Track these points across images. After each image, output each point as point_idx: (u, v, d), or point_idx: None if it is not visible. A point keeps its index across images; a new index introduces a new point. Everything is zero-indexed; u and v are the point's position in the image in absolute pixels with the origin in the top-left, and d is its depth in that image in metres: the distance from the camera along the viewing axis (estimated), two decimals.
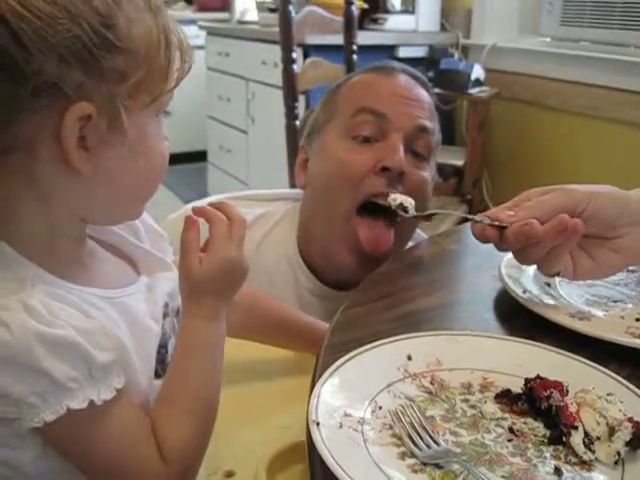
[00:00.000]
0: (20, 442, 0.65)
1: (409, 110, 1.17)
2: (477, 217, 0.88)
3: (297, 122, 2.15)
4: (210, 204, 0.79)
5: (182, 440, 0.69)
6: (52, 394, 0.61)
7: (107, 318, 0.67)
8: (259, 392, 0.99)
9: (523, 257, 0.87)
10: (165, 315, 0.77)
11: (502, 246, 0.87)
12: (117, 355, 0.65)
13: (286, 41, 2.14)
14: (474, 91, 2.75)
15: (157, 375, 0.74)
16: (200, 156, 4.12)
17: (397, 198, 1.06)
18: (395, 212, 1.07)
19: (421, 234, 1.34)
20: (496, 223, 0.85)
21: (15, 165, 0.63)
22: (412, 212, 1.06)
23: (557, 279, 0.96)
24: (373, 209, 1.15)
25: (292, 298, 1.22)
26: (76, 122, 0.61)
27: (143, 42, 0.64)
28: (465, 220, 1.17)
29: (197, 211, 0.77)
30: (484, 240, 0.87)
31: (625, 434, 0.61)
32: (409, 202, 1.05)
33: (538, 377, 0.68)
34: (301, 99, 2.32)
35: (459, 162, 2.79)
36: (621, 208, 0.86)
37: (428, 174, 1.20)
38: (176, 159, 0.73)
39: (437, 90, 2.75)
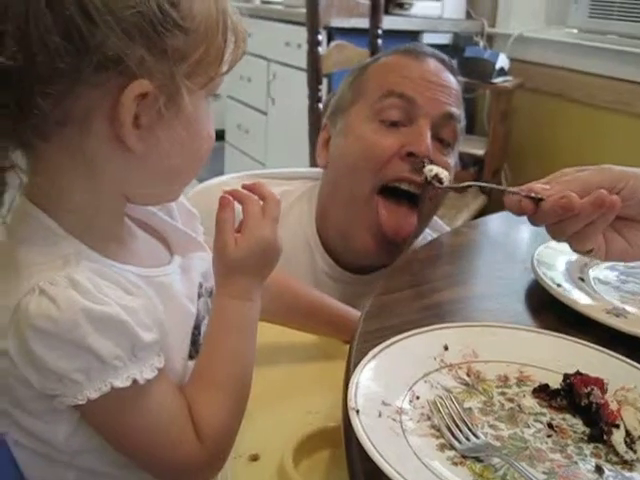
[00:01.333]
0: (55, 418, 0.65)
1: (437, 96, 1.16)
2: (512, 188, 0.85)
3: (320, 104, 2.14)
4: (243, 185, 0.78)
5: (217, 418, 0.69)
6: (96, 371, 0.60)
7: (146, 297, 0.66)
8: (285, 376, 0.99)
9: (557, 231, 0.85)
10: (199, 295, 0.77)
11: (537, 220, 0.84)
12: (158, 334, 0.65)
13: (312, 23, 2.12)
14: (498, 80, 2.72)
15: (190, 356, 0.74)
16: (218, 135, 4.12)
17: (433, 169, 1.04)
18: (429, 183, 1.05)
19: (443, 226, 1.33)
20: (532, 194, 0.83)
21: (68, 138, 0.62)
22: (446, 184, 1.04)
23: (591, 274, 0.95)
24: (395, 193, 1.14)
25: (308, 279, 1.21)
26: (134, 100, 0.60)
27: (203, 22, 0.63)
28: (483, 210, 1.17)
29: (230, 192, 0.76)
30: (519, 212, 0.84)
31: None
32: (445, 174, 1.04)
33: (578, 373, 0.67)
34: (324, 82, 2.29)
35: (480, 151, 2.77)
36: None
37: (452, 161, 1.18)
38: None
39: (460, 78, 2.72)
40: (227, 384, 0.71)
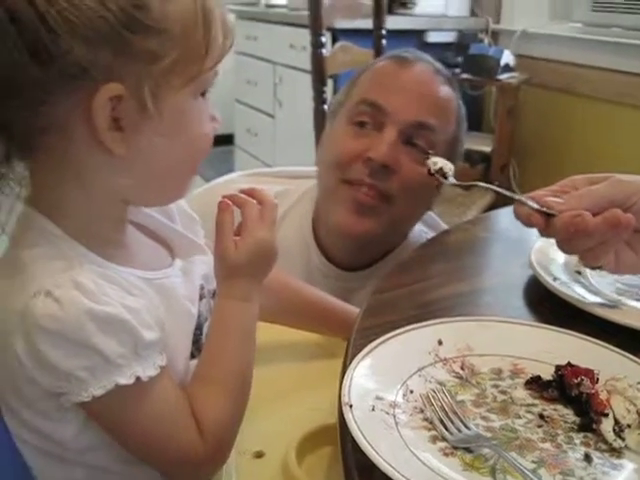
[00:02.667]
0: (63, 416, 0.67)
1: (410, 104, 1.17)
2: (522, 198, 0.84)
3: (325, 106, 2.15)
4: (241, 190, 0.80)
5: (219, 416, 0.71)
6: (101, 369, 0.62)
7: (148, 299, 0.68)
8: (287, 374, 1.00)
9: (568, 247, 0.85)
10: (201, 297, 0.79)
11: (547, 234, 0.84)
12: (160, 333, 0.67)
13: (315, 25, 2.13)
14: (503, 77, 2.72)
15: (192, 356, 0.76)
16: (227, 140, 4.14)
17: (437, 162, 1.02)
18: (432, 175, 1.05)
19: (440, 223, 1.34)
20: (544, 209, 0.82)
21: (51, 146, 0.64)
22: (451, 179, 1.04)
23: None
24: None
25: (302, 275, 1.23)
26: (107, 103, 0.61)
27: (178, 21, 0.63)
28: (491, 208, 1.18)
29: (229, 197, 0.78)
30: (528, 225, 0.84)
31: None
32: (449, 167, 1.02)
33: (569, 364, 0.69)
34: (329, 83, 2.31)
35: (487, 148, 2.77)
36: None
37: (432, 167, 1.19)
38: None
39: (466, 75, 2.73)
40: (228, 382, 0.73)
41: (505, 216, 1.36)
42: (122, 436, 0.69)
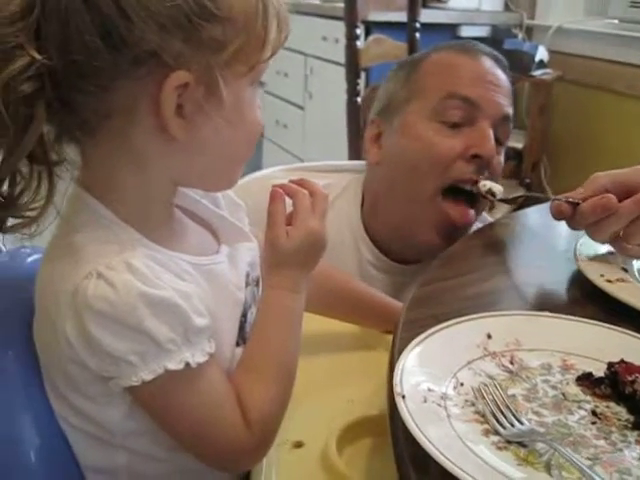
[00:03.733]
0: (109, 400, 0.67)
1: (496, 97, 1.16)
2: (556, 197, 0.91)
3: (358, 99, 2.14)
4: (291, 180, 0.80)
5: (264, 404, 0.71)
6: (151, 354, 0.62)
7: (197, 284, 0.68)
8: (324, 365, 1.00)
9: (597, 231, 0.89)
10: (246, 284, 0.78)
11: (576, 222, 0.90)
12: (209, 320, 0.66)
13: (350, 17, 2.13)
14: (537, 73, 2.70)
15: (237, 343, 0.76)
16: None
17: (487, 184, 1.09)
18: (484, 197, 1.10)
19: (487, 217, 1.33)
20: (570, 199, 0.88)
21: (113, 131, 0.64)
22: (499, 197, 1.10)
23: (635, 265, 0.94)
24: (456, 191, 1.15)
25: (354, 271, 1.23)
26: (174, 90, 0.62)
27: (242, 11, 0.64)
28: (521, 206, 1.19)
29: (280, 186, 0.78)
30: (559, 216, 0.91)
31: None
32: (498, 188, 1.08)
33: (622, 361, 0.68)
34: (362, 76, 2.30)
35: (519, 145, 2.75)
36: None
37: (502, 159, 1.20)
38: None
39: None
40: (273, 372, 0.73)
41: (542, 213, 1.35)
42: (168, 422, 0.69)
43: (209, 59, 0.63)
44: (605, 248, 0.97)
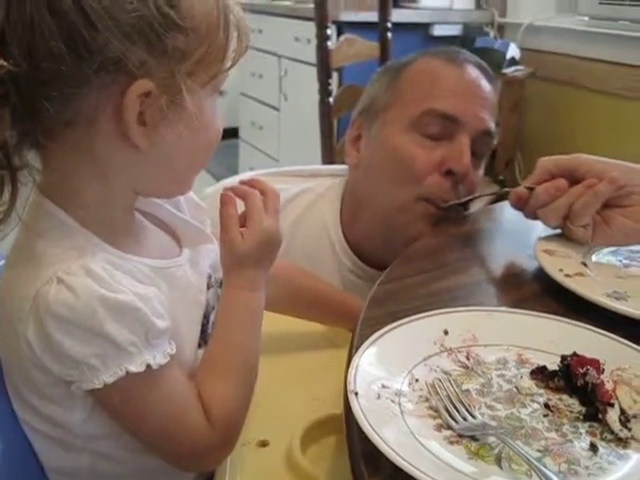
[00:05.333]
0: (71, 403, 0.68)
1: (478, 111, 1.16)
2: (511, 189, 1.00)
3: (330, 99, 2.15)
4: (241, 181, 0.81)
5: (226, 403, 0.71)
6: (112, 357, 0.63)
7: (157, 287, 0.69)
8: (291, 364, 1.01)
9: (549, 215, 0.96)
10: (208, 286, 0.79)
11: (531, 207, 0.97)
12: (169, 322, 0.67)
13: (321, 17, 2.13)
14: (509, 70, 2.71)
15: (199, 345, 0.76)
16: (232, 133, 4.13)
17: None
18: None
19: None
20: (526, 185, 0.97)
21: (76, 138, 0.65)
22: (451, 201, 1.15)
23: (593, 259, 0.96)
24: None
25: (334, 277, 1.23)
26: (137, 98, 0.63)
27: (204, 21, 0.65)
28: (496, 202, 1.20)
29: (231, 189, 0.79)
30: (518, 202, 0.99)
31: None
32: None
33: (574, 354, 0.68)
34: (334, 76, 2.31)
35: None
36: (631, 174, 0.95)
37: (481, 172, 1.21)
38: None
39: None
40: (235, 371, 0.74)
41: (508, 209, 1.36)
42: (131, 424, 0.69)
43: (172, 68, 0.63)
44: (566, 244, 0.98)
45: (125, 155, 0.66)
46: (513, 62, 2.74)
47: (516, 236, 1.13)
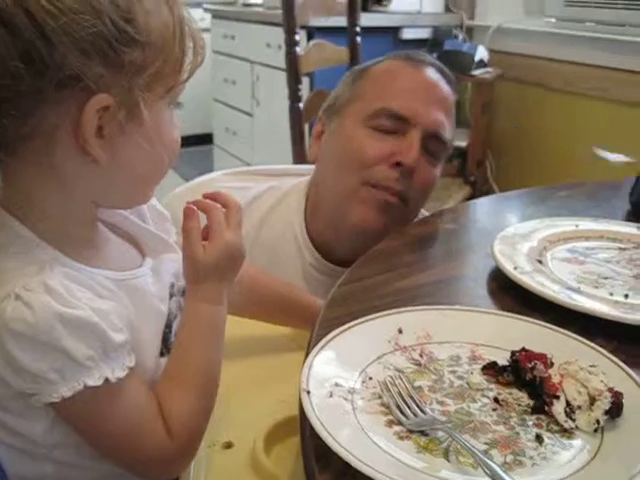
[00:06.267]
0: (33, 414, 0.68)
1: (431, 111, 1.18)
2: None
3: (300, 104, 2.16)
4: (205, 195, 0.81)
5: (187, 414, 0.72)
6: (70, 371, 0.63)
7: (117, 299, 0.70)
8: (256, 367, 1.02)
9: None
10: (171, 295, 0.80)
11: None
12: (128, 335, 0.68)
13: (289, 23, 2.14)
14: (478, 72, 2.75)
15: (161, 353, 0.77)
16: (206, 139, 4.14)
17: None
18: None
19: (424, 212, 1.36)
20: None
21: (35, 152, 0.65)
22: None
23: (549, 257, 0.98)
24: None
25: (296, 273, 1.25)
26: (95, 113, 0.63)
27: (160, 35, 0.65)
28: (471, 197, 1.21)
29: (194, 202, 0.79)
30: None
31: (605, 403, 0.63)
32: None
33: (523, 349, 0.70)
34: (305, 81, 2.32)
35: (462, 143, 2.79)
36: None
37: (437, 174, 1.23)
38: (182, 142, 0.75)
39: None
40: (196, 382, 0.75)
41: (472, 208, 1.39)
42: (91, 436, 0.70)
43: (129, 82, 0.64)
44: (523, 243, 1.01)
45: (84, 168, 0.67)
46: (482, 64, 2.77)
47: (476, 236, 1.15)
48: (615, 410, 0.63)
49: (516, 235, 1.03)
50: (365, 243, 1.17)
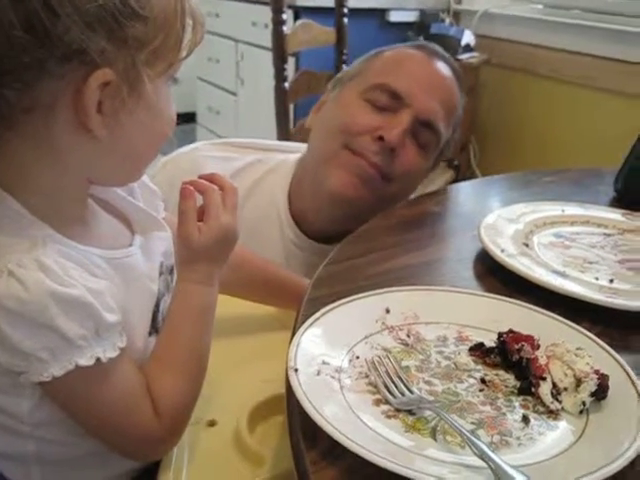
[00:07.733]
0: (19, 392, 0.68)
1: (428, 99, 1.19)
2: None
3: (286, 84, 2.15)
4: (201, 176, 0.80)
5: (174, 395, 0.72)
6: (62, 350, 0.63)
7: (110, 278, 0.69)
8: (241, 346, 1.01)
9: None
10: (160, 274, 0.79)
11: None
12: (120, 315, 0.67)
13: (276, 2, 2.13)
14: (464, 57, 2.74)
15: (149, 333, 0.76)
16: (189, 118, 4.11)
17: None
18: None
19: None
20: None
21: (33, 126, 0.64)
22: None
23: (535, 241, 0.98)
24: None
25: (277, 248, 1.25)
26: (97, 88, 0.62)
27: (162, 10, 0.65)
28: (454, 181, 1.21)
29: (191, 182, 0.79)
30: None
31: (590, 385, 0.63)
32: None
33: (510, 331, 0.71)
34: (291, 61, 2.31)
35: None
36: None
37: (424, 163, 1.22)
38: None
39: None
40: (185, 364, 0.75)
41: (457, 191, 1.39)
42: (80, 415, 0.70)
43: (132, 57, 0.63)
44: (510, 226, 1.01)
45: (82, 144, 0.66)
46: (468, 49, 2.77)
47: (463, 219, 1.15)
48: (601, 392, 0.63)
49: (502, 218, 1.03)
50: (344, 216, 1.18)
